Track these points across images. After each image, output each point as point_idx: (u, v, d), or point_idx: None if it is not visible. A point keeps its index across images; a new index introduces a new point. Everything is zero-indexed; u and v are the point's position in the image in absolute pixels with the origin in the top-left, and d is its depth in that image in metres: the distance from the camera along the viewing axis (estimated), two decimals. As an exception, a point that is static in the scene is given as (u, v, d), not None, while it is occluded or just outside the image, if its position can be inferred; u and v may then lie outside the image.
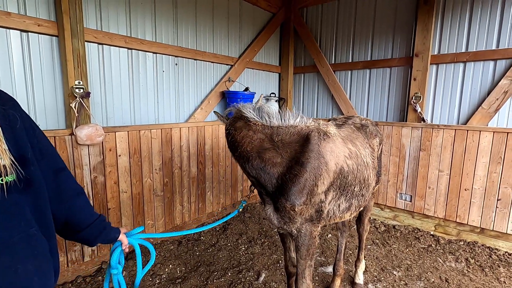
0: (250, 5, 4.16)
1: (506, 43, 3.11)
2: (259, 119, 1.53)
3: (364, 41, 4.10)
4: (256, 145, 1.49)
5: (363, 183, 1.77)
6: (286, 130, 1.54)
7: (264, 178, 1.53)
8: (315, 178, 1.50)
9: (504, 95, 3.10)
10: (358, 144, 1.83)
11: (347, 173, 1.65)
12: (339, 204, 1.70)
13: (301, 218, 1.54)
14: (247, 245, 3.25)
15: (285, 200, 1.49)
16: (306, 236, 1.57)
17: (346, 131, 1.89)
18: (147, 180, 2.91)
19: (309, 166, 1.48)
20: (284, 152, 1.50)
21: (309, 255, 1.60)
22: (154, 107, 3.16)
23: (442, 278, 2.72)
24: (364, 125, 2.09)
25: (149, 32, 3.02)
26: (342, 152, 1.66)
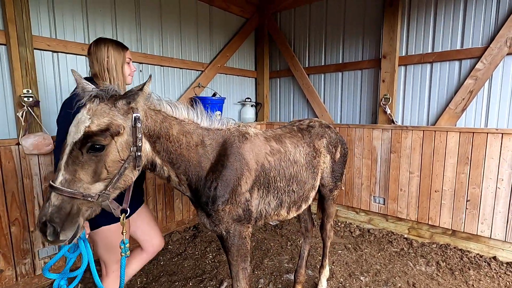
0: (221, 10, 4.16)
1: (470, 42, 3.10)
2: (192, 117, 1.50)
3: (335, 44, 4.09)
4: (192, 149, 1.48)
5: (290, 179, 1.78)
6: (215, 133, 1.54)
7: (196, 185, 1.50)
8: (238, 179, 1.52)
9: (469, 95, 3.08)
10: (287, 142, 1.85)
11: (268, 170, 1.67)
12: (268, 202, 1.71)
13: (228, 218, 1.54)
14: (215, 253, 3.18)
15: (212, 203, 1.50)
16: (235, 236, 1.57)
17: (277, 131, 1.95)
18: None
19: (231, 168, 1.51)
20: (211, 157, 1.50)
21: (240, 256, 1.59)
22: (117, 114, 3.12)
23: (410, 283, 2.65)
24: (310, 126, 2.10)
25: (110, 39, 2.99)
26: (263, 149, 1.69)
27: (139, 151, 1.22)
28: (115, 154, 1.16)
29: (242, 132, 1.64)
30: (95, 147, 1.11)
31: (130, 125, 1.20)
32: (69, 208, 1.09)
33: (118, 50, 1.64)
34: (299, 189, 1.84)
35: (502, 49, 2.86)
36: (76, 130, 1.11)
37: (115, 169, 1.17)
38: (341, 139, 2.26)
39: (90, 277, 2.63)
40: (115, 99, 1.18)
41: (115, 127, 1.15)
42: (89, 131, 1.10)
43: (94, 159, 1.12)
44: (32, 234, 2.42)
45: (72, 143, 1.11)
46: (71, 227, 1.09)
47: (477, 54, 3.02)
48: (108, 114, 1.15)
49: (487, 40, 2.99)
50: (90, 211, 1.16)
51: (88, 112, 1.13)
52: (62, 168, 1.10)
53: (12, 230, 2.31)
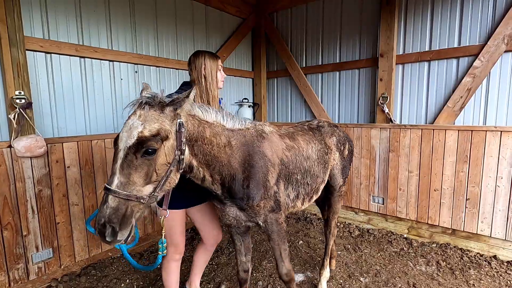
0: (218, 11, 4.13)
1: (467, 40, 3.08)
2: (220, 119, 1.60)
3: (332, 44, 4.07)
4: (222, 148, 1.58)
5: (304, 172, 1.93)
6: (238, 133, 1.63)
7: (230, 183, 1.59)
8: (265, 175, 1.65)
9: (467, 93, 3.06)
10: (299, 139, 1.99)
11: (287, 163, 1.82)
12: (288, 194, 1.86)
13: (264, 211, 1.67)
14: (213, 255, 3.13)
15: (247, 200, 1.61)
16: (273, 224, 1.72)
17: (290, 130, 2.08)
18: (102, 191, 2.79)
19: (257, 166, 1.62)
20: (238, 156, 1.59)
21: (280, 239, 1.75)
22: (113, 116, 3.08)
23: (410, 283, 2.62)
24: (319, 126, 2.26)
25: (104, 40, 2.96)
26: (280, 146, 1.81)
27: (182, 154, 1.31)
28: (163, 158, 1.24)
29: (259, 130, 1.74)
30: (148, 151, 1.19)
31: (175, 130, 1.29)
32: (125, 210, 1.16)
33: (212, 59, 1.86)
34: (312, 182, 2.00)
35: (500, 46, 2.85)
36: (129, 135, 1.18)
37: (163, 171, 1.26)
38: (348, 137, 2.41)
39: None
40: (162, 105, 1.26)
41: (164, 132, 1.23)
42: (143, 136, 1.17)
43: (146, 163, 1.20)
44: (25, 238, 2.37)
45: (126, 148, 1.17)
46: (127, 227, 1.17)
47: (474, 52, 3.01)
48: (158, 120, 1.23)
49: (485, 38, 2.97)
50: (140, 213, 1.24)
51: (139, 118, 1.20)
52: (117, 171, 1.17)
53: (4, 235, 2.26)
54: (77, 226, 2.67)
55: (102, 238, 1.15)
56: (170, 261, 1.98)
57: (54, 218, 2.51)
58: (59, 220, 2.55)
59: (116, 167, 1.18)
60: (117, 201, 1.15)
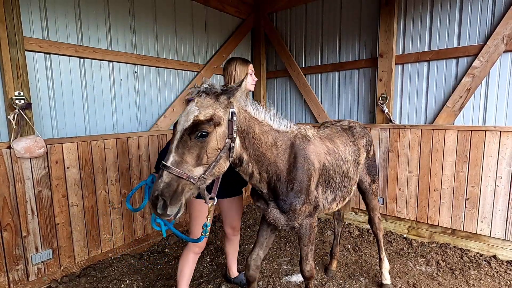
0: (217, 11, 4.13)
1: (466, 40, 3.09)
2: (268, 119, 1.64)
3: (332, 44, 4.08)
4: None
5: (343, 176, 1.96)
6: (283, 135, 1.66)
7: (275, 183, 1.63)
8: (309, 179, 1.68)
9: (467, 93, 3.06)
10: (338, 142, 2.01)
11: (328, 168, 1.84)
12: (326, 197, 1.89)
13: (303, 215, 1.73)
14: (213, 255, 3.14)
15: (290, 203, 1.65)
16: (307, 228, 1.78)
17: (327, 131, 2.08)
18: (101, 192, 2.80)
19: (302, 169, 1.65)
20: (283, 158, 1.63)
21: (310, 241, 1.82)
22: (112, 116, 3.08)
23: (410, 283, 2.62)
24: (351, 127, 2.28)
25: (104, 40, 2.96)
26: (322, 150, 1.84)
27: (233, 142, 1.39)
28: (214, 143, 1.33)
29: (303, 134, 1.77)
30: (202, 134, 1.28)
31: (227, 118, 1.37)
32: (176, 186, 1.25)
33: (243, 64, 2.05)
34: (348, 184, 2.03)
35: (499, 46, 2.85)
36: (186, 119, 1.30)
37: (213, 156, 1.33)
38: (371, 138, 2.48)
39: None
40: (217, 94, 1.36)
41: (217, 118, 1.32)
42: (197, 120, 1.28)
43: (198, 145, 1.29)
44: (25, 239, 2.37)
45: (182, 130, 1.28)
46: (176, 203, 1.26)
47: (474, 52, 3.01)
48: (212, 106, 1.33)
49: (484, 38, 2.98)
50: (190, 193, 1.31)
51: (196, 104, 1.32)
52: (173, 150, 1.28)
53: (4, 236, 2.25)
54: (77, 227, 2.67)
55: (154, 209, 1.26)
56: (189, 252, 2.10)
57: (53, 219, 2.50)
58: (59, 221, 2.54)
59: (173, 147, 1.29)
60: (170, 177, 1.24)
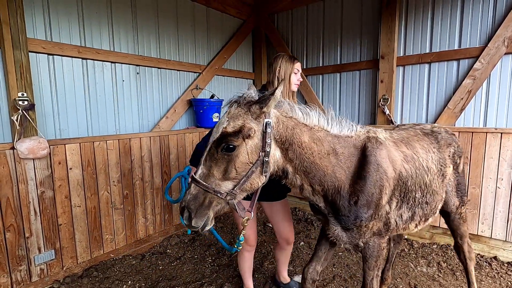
0: (219, 12, 4.14)
1: (468, 42, 3.10)
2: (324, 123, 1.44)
3: (333, 45, 4.09)
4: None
5: (424, 189, 1.64)
6: (345, 140, 1.45)
7: (333, 197, 1.42)
8: (379, 192, 1.43)
9: (468, 95, 3.07)
10: (417, 147, 1.69)
11: (405, 178, 1.55)
12: (401, 214, 1.59)
13: (370, 233, 1.48)
14: (214, 256, 3.14)
15: (354, 218, 1.42)
16: (374, 248, 1.52)
17: (403, 134, 1.76)
18: (103, 193, 2.81)
19: (371, 180, 1.40)
20: (346, 167, 1.42)
21: (377, 266, 1.56)
22: (114, 117, 3.08)
23: (411, 284, 2.63)
24: (435, 132, 1.90)
25: (106, 42, 2.97)
26: (398, 156, 1.56)
27: (267, 156, 1.26)
28: (244, 156, 1.23)
29: (373, 138, 1.51)
30: (228, 147, 1.21)
31: (261, 130, 1.26)
32: (202, 199, 1.22)
33: (288, 62, 1.94)
34: (431, 200, 1.69)
35: (500, 48, 2.87)
36: (216, 130, 1.25)
37: (243, 170, 1.24)
38: (461, 148, 2.03)
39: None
40: (250, 104, 1.25)
41: (246, 130, 1.22)
42: (225, 132, 1.21)
43: (226, 158, 1.22)
44: (28, 240, 2.37)
45: (212, 142, 1.24)
46: (202, 217, 1.23)
47: (475, 54, 3.02)
48: (242, 117, 1.24)
49: (485, 40, 2.99)
50: (219, 207, 1.26)
51: (227, 115, 1.26)
52: (202, 163, 1.25)
53: (7, 236, 2.26)
54: (79, 227, 2.67)
55: (181, 218, 1.27)
56: (243, 251, 2.14)
57: (56, 219, 2.51)
58: (61, 222, 2.55)
59: (202, 159, 1.26)
60: (197, 190, 1.22)
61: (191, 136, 3.64)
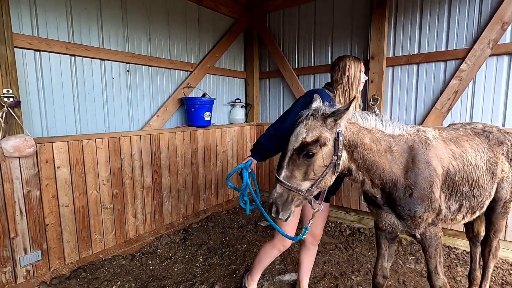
0: (210, 11, 4.13)
1: (454, 44, 3.18)
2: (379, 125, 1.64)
3: (324, 45, 4.13)
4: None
5: (472, 184, 1.78)
6: (398, 139, 1.63)
7: (390, 189, 1.61)
8: (430, 186, 1.60)
9: (454, 95, 3.15)
10: (466, 146, 1.82)
11: (453, 174, 1.71)
12: (449, 206, 1.76)
13: (425, 224, 1.65)
14: (206, 256, 3.13)
15: (408, 209, 1.60)
16: (431, 238, 1.70)
17: (452, 134, 1.89)
18: (92, 192, 2.76)
19: (422, 176, 1.58)
20: (400, 163, 1.59)
21: (437, 253, 1.72)
22: (104, 115, 3.03)
23: (400, 281, 2.68)
24: (486, 131, 2.00)
25: (95, 38, 2.91)
26: (446, 154, 1.71)
27: (338, 159, 1.48)
28: (320, 161, 1.45)
29: (423, 137, 1.68)
30: (308, 154, 1.43)
31: (333, 138, 1.46)
32: (286, 196, 1.47)
33: (356, 61, 1.99)
34: (478, 194, 1.84)
35: (485, 50, 2.95)
36: (296, 139, 1.46)
37: (319, 172, 1.47)
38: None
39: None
40: (324, 117, 1.46)
41: (323, 139, 1.43)
42: (305, 141, 1.42)
43: (306, 163, 1.45)
44: (13, 241, 2.31)
45: (292, 149, 1.46)
46: (287, 210, 1.49)
47: (461, 55, 3.10)
48: (319, 128, 1.45)
49: (471, 42, 3.07)
50: (298, 202, 1.51)
51: (305, 126, 1.46)
52: (284, 167, 1.48)
53: (-9, 237, 2.20)
54: (67, 227, 2.62)
55: (268, 213, 1.52)
56: (273, 248, 2.12)
57: (43, 219, 2.45)
58: (48, 222, 2.49)
59: (284, 163, 1.48)
60: (282, 189, 1.46)
61: (182, 135, 3.62)
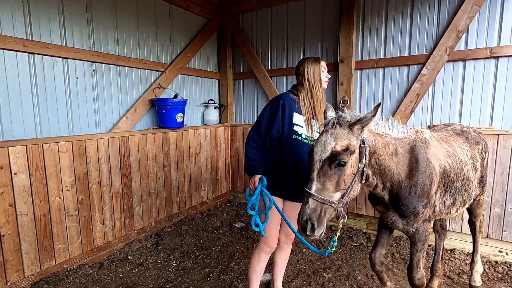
0: (182, 10, 4.05)
1: (416, 50, 3.37)
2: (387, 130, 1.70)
3: (296, 48, 4.20)
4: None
5: (464, 179, 1.93)
6: (402, 141, 1.71)
7: (397, 190, 1.68)
8: (430, 183, 1.70)
9: (417, 97, 3.35)
10: (454, 145, 1.97)
11: (449, 171, 1.83)
12: (444, 201, 1.88)
13: (422, 219, 1.74)
14: (179, 260, 3.07)
15: (413, 207, 1.67)
16: (423, 233, 1.78)
17: (441, 134, 2.04)
18: (55, 199, 2.60)
19: (424, 174, 1.68)
20: (404, 164, 1.67)
21: (423, 248, 1.82)
22: (67, 117, 2.87)
23: (368, 275, 2.80)
24: (464, 131, 2.18)
25: (57, 35, 2.75)
26: (442, 153, 1.83)
27: (365, 166, 1.49)
28: (349, 169, 1.44)
29: (422, 138, 1.78)
30: (340, 163, 1.40)
31: (359, 145, 1.46)
32: (320, 211, 1.39)
33: (314, 62, 2.00)
34: (469, 188, 1.99)
35: (443, 56, 3.16)
36: (323, 149, 1.41)
37: (349, 181, 1.45)
38: (487, 145, 2.36)
39: None
40: (350, 124, 1.44)
41: (352, 147, 1.41)
42: (335, 151, 1.39)
43: (337, 173, 1.41)
44: (-37, 254, 2.11)
45: (322, 160, 1.41)
46: (322, 225, 1.40)
47: (422, 61, 3.30)
48: (347, 137, 1.42)
49: (431, 48, 3.28)
50: (329, 214, 1.44)
51: (331, 135, 1.42)
52: (315, 179, 1.42)
53: None
54: (26, 237, 2.44)
55: (303, 232, 1.40)
56: (261, 252, 2.11)
57: (-2, 230, 2.27)
58: (5, 232, 2.31)
59: (314, 176, 1.42)
60: (315, 203, 1.39)
61: (154, 137, 3.51)
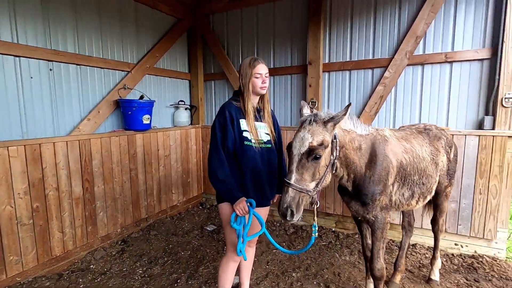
0: (149, 8, 3.93)
1: (379, 53, 3.51)
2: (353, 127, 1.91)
3: (267, 49, 4.22)
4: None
5: (421, 173, 2.13)
6: (365, 138, 1.93)
7: (358, 181, 1.90)
8: (386, 174, 1.92)
9: (380, 99, 3.48)
10: (414, 142, 2.19)
11: (405, 165, 2.04)
12: (403, 193, 2.08)
13: (379, 207, 1.93)
14: (146, 267, 2.97)
15: (371, 194, 1.89)
16: (381, 221, 1.97)
17: (402, 133, 2.26)
18: (5, 207, 2.42)
19: (382, 166, 1.91)
20: (365, 158, 1.90)
21: (383, 237, 2.00)
22: (20, 120, 2.68)
23: (335, 273, 2.86)
24: (427, 129, 2.41)
25: (7, 32, 2.56)
26: (400, 149, 2.05)
27: (336, 159, 1.72)
28: (323, 161, 1.65)
29: (382, 135, 2.01)
30: (316, 157, 1.60)
31: (331, 140, 1.67)
32: (298, 198, 1.59)
33: (248, 66, 1.94)
34: (427, 182, 2.19)
35: (403, 60, 3.32)
36: (302, 144, 1.60)
37: (323, 172, 1.66)
38: (453, 141, 2.54)
39: None
40: (324, 121, 1.65)
41: (326, 142, 1.63)
42: (312, 146, 1.58)
43: (313, 165, 1.62)
44: None
45: (300, 154, 1.60)
46: (299, 211, 1.62)
47: (384, 64, 3.44)
48: (322, 133, 1.63)
49: (392, 52, 3.43)
50: (305, 201, 1.64)
51: (308, 132, 1.62)
52: (294, 171, 1.61)
53: None
54: (-28, 250, 2.25)
55: (283, 217, 1.60)
56: (229, 261, 2.07)
57: None
58: None
59: (293, 168, 1.61)
60: (294, 192, 1.58)
61: (118, 140, 3.38)
